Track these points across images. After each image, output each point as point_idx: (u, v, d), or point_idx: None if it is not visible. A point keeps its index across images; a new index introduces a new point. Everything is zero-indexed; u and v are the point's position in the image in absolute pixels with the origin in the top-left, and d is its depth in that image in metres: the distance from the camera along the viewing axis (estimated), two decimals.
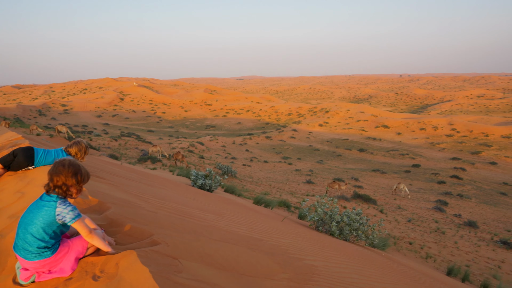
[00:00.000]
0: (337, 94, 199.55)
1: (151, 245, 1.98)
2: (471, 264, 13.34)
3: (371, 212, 20.32)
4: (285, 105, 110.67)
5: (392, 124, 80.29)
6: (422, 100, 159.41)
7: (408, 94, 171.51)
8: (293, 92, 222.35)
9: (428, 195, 31.34)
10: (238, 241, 2.83)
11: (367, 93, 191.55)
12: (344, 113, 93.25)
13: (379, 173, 42.05)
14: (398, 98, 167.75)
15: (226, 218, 3.99)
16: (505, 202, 32.66)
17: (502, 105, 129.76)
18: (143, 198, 3.23)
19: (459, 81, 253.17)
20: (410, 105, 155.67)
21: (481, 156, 56.19)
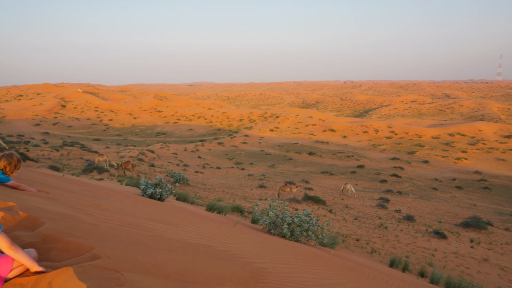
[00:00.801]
0: (287, 100, 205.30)
1: (91, 260, 1.87)
2: (410, 255, 14.44)
3: (321, 213, 21.11)
4: (237, 111, 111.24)
5: (338, 128, 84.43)
6: (364, 105, 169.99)
7: (351, 99, 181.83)
8: (244, 98, 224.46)
9: (372, 194, 33.38)
10: (187, 249, 2.80)
11: (314, 99, 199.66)
12: (294, 118, 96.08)
13: (327, 174, 43.88)
14: (343, 104, 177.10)
15: (176, 226, 3.92)
16: (437, 196, 35.96)
17: (431, 109, 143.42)
18: (84, 211, 3.06)
19: (395, 88, 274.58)
20: (354, 109, 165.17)
21: (416, 156, 61.30)
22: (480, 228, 21.19)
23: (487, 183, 44.09)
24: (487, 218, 26.63)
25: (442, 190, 39.37)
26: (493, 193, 40.31)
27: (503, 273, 14.04)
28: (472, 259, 15.34)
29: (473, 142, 68.35)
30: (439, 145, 68.22)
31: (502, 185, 43.93)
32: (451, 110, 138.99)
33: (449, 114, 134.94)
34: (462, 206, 32.23)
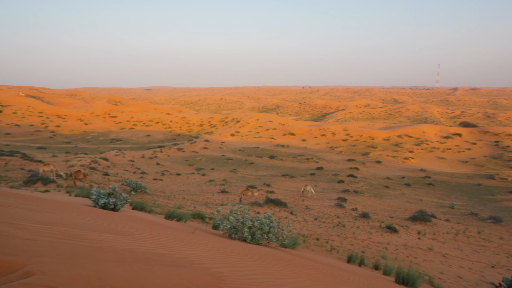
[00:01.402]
0: (247, 104, 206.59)
1: (23, 278, 1.72)
2: (366, 250, 15.13)
3: (282, 215, 21.43)
4: (197, 116, 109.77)
5: (298, 132, 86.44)
6: (322, 109, 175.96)
7: (310, 104, 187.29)
8: (204, 102, 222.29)
9: (330, 194, 34.52)
10: (139, 259, 2.70)
11: (274, 103, 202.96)
12: (254, 123, 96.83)
13: (288, 177, 44.69)
14: (301, 108, 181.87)
15: (129, 236, 3.76)
16: (389, 194, 38.09)
17: (382, 113, 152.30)
18: (19, 226, 2.83)
19: (350, 93, 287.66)
20: (312, 114, 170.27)
21: (370, 157, 64.52)
22: (426, 221, 22.78)
23: (431, 179, 47.54)
24: (431, 211, 28.70)
25: (393, 188, 41.78)
26: (436, 189, 43.54)
27: (445, 259, 15.20)
28: (419, 249, 16.43)
29: (418, 142, 73.45)
30: (390, 146, 72.43)
31: (443, 181, 47.62)
32: (399, 114, 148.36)
33: (397, 117, 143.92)
34: (410, 202, 34.43)
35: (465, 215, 29.09)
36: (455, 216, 28.47)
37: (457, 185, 45.49)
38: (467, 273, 13.68)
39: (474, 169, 56.46)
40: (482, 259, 16.16)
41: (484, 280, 13.04)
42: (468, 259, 15.91)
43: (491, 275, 13.81)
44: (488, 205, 36.28)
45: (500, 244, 19.52)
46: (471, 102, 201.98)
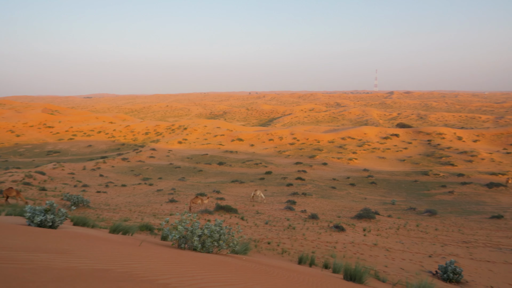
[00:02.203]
0: (194, 111, 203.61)
1: None
2: (315, 250, 15.64)
3: (233, 221, 21.35)
4: (142, 124, 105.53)
5: (246, 137, 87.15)
6: (269, 114, 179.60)
7: (257, 109, 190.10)
8: (150, 110, 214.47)
9: (280, 197, 35.20)
10: (78, 277, 2.51)
11: (222, 109, 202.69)
12: (202, 129, 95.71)
13: (238, 183, 44.74)
14: (249, 113, 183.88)
15: (68, 254, 3.48)
16: (335, 194, 39.93)
17: (326, 117, 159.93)
18: None
19: (295, 98, 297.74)
20: (259, 119, 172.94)
21: (316, 159, 67.21)
22: (370, 218, 24.24)
23: (373, 178, 50.85)
24: (375, 208, 30.64)
25: (339, 188, 43.89)
26: (378, 187, 46.66)
27: (388, 253, 16.30)
28: (365, 245, 17.41)
29: (361, 144, 78.26)
30: (335, 148, 76.14)
31: (384, 179, 51.21)
32: (342, 117, 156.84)
33: (340, 120, 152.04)
34: (355, 201, 36.43)
35: (404, 210, 31.49)
36: (396, 212, 30.69)
37: (397, 183, 49.14)
38: (408, 265, 14.77)
39: (411, 167, 61.47)
40: (421, 250, 17.57)
41: (423, 269, 14.17)
42: (408, 251, 17.19)
43: (429, 264, 15.05)
44: (424, 199, 39.68)
45: (435, 235, 21.41)
46: (406, 105, 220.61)
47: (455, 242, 19.78)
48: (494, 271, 14.51)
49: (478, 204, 35.48)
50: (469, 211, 31.94)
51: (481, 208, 33.49)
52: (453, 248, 18.24)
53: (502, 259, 16.45)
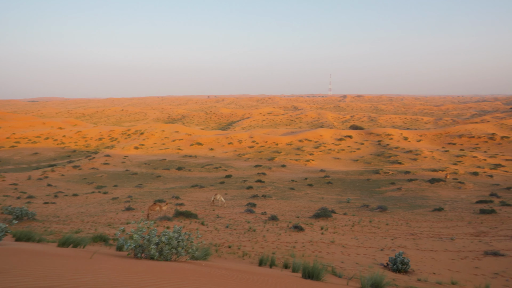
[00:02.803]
0: (151, 115, 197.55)
1: None
2: (276, 251, 15.88)
3: (193, 226, 21.01)
4: (95, 129, 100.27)
5: (205, 141, 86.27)
6: (228, 118, 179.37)
7: (216, 113, 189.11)
8: (103, 114, 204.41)
9: (240, 200, 35.27)
10: None
11: (180, 113, 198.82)
12: (160, 134, 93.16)
13: (198, 188, 44.11)
14: (208, 117, 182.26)
15: (5, 274, 3.23)
16: (294, 195, 40.86)
17: (284, 119, 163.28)
18: None
19: (254, 101, 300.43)
20: (218, 122, 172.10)
21: (275, 161, 68.29)
22: (327, 216, 25.13)
23: (330, 178, 52.74)
24: (332, 207, 31.79)
25: (298, 189, 44.94)
26: (334, 186, 48.48)
27: (344, 249, 17.01)
28: (323, 243, 18.01)
29: (317, 145, 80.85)
30: (293, 151, 77.88)
31: (340, 178, 53.33)
32: (299, 120, 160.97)
33: (298, 123, 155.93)
34: (313, 201, 37.52)
35: (359, 208, 33.00)
36: (351, 209, 32.06)
37: (351, 182, 51.37)
38: (362, 259, 15.51)
39: (363, 166, 64.58)
40: (374, 245, 18.53)
41: (376, 262, 14.96)
42: (363, 246, 18.05)
43: (381, 257, 15.93)
44: (376, 196, 41.86)
45: (386, 229, 22.69)
46: (358, 108, 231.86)
47: (404, 234, 21.14)
48: (436, 259, 15.73)
49: (423, 199, 38.20)
50: (415, 206, 34.28)
51: (425, 202, 36.10)
52: (402, 241, 19.48)
53: (443, 248, 17.90)
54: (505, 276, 13.48)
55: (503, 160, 64.83)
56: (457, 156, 67.78)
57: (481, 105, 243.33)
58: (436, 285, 11.28)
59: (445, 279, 12.53)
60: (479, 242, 19.01)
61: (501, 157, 67.16)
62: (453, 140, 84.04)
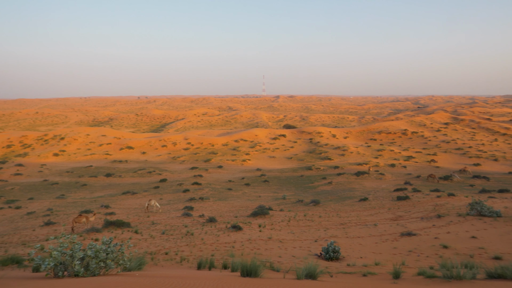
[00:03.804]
0: (73, 118, 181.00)
1: None
2: (215, 253, 15.72)
3: (126, 236, 19.79)
4: (2, 135, 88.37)
5: (136, 145, 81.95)
6: (161, 120, 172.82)
7: (147, 114, 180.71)
8: (12, 118, 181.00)
9: (177, 205, 34.23)
10: None
11: (107, 115, 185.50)
12: (84, 138, 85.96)
13: (130, 194, 41.70)
14: (139, 119, 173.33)
15: None
16: (232, 195, 41.00)
17: (219, 120, 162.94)
18: None
19: (188, 102, 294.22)
20: (150, 125, 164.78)
21: (211, 163, 67.79)
22: (265, 214, 25.69)
23: (266, 177, 54.05)
24: (269, 204, 32.60)
25: (235, 189, 45.17)
26: (270, 184, 49.82)
27: (281, 244, 17.56)
28: (261, 240, 18.36)
29: (253, 145, 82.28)
30: (229, 151, 78.08)
31: (275, 176, 55.00)
32: (234, 120, 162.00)
33: (233, 123, 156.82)
34: (251, 199, 38.07)
35: (294, 203, 34.35)
36: (287, 205, 33.23)
37: (287, 179, 53.26)
38: (298, 251, 16.15)
39: (297, 164, 67.44)
40: (309, 237, 19.43)
41: (311, 253, 15.71)
42: (298, 240, 18.81)
43: (315, 248, 16.76)
44: (309, 191, 44.01)
45: (319, 222, 23.97)
46: (290, 108, 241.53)
47: (335, 225, 22.59)
48: (363, 244, 17.13)
49: (350, 191, 41.31)
50: (344, 197, 36.92)
51: (352, 193, 39.08)
52: (334, 231, 20.80)
53: (368, 233, 19.57)
54: (417, 252, 15.23)
55: (413, 152, 73.27)
56: (377, 150, 74.66)
57: (396, 104, 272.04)
58: (362, 267, 12.24)
59: (370, 261, 13.68)
60: (397, 226, 21.17)
61: (412, 150, 75.84)
62: (374, 136, 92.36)
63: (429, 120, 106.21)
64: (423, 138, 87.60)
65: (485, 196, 32.12)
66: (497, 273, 7.78)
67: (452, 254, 14.38)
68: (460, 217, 21.54)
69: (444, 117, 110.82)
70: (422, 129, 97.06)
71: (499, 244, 15.47)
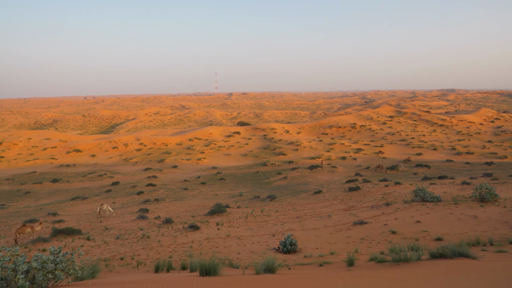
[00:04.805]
0: (12, 121, 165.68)
1: None
2: (172, 254, 15.46)
3: (77, 244, 18.73)
4: None
5: (85, 147, 77.38)
6: (110, 120, 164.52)
7: (95, 115, 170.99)
8: None
9: (131, 207, 33.00)
10: None
11: (51, 117, 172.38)
12: (25, 143, 79.33)
13: (80, 200, 39.39)
14: (86, 120, 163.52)
15: None
16: (188, 195, 40.43)
17: (172, 119, 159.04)
18: None
19: (138, 101, 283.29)
20: (99, 126, 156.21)
21: (166, 163, 66.14)
22: (222, 212, 25.71)
23: (222, 174, 53.95)
24: (226, 202, 32.67)
25: (191, 189, 44.54)
26: (226, 182, 49.83)
27: (240, 241, 17.74)
28: (220, 238, 18.39)
29: (207, 143, 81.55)
30: (183, 150, 76.63)
31: (231, 174, 55.12)
32: (188, 119, 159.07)
33: (187, 122, 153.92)
34: (208, 198, 37.82)
35: (251, 199, 34.71)
36: (244, 202, 33.50)
37: (242, 176, 53.57)
38: (257, 247, 16.41)
39: (252, 160, 68.06)
40: (266, 232, 19.81)
41: (269, 248, 16.05)
42: (256, 235, 19.10)
43: (273, 242, 17.15)
44: (266, 187, 44.70)
45: (276, 216, 24.52)
46: (244, 105, 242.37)
47: (291, 218, 23.27)
48: (319, 235, 17.88)
49: (305, 184, 42.70)
50: (299, 191, 38.10)
51: (307, 187, 40.45)
52: (290, 224, 21.42)
53: (323, 225, 20.45)
54: (369, 239, 16.25)
55: (362, 145, 77.48)
56: (329, 144, 77.82)
57: (345, 99, 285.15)
58: (319, 258, 12.81)
59: (326, 251, 14.34)
60: (350, 215, 22.36)
61: (361, 143, 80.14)
62: (325, 131, 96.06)
63: (376, 113, 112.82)
64: (370, 131, 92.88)
65: (427, 183, 35.03)
66: (438, 253, 8.59)
67: (400, 239, 15.53)
68: (406, 203, 23.27)
69: (389, 110, 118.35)
70: (369, 122, 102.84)
71: (440, 226, 16.99)
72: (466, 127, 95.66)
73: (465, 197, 23.54)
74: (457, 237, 14.64)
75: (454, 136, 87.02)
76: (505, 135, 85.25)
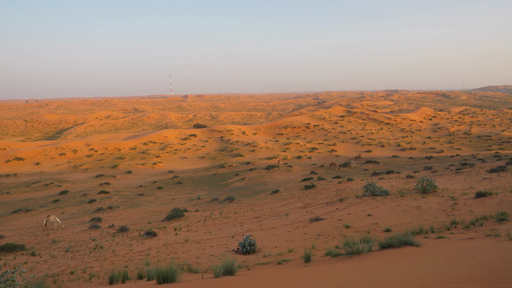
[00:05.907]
0: None
1: None
2: (128, 264, 14.88)
3: (20, 261, 17.28)
4: None
5: (28, 155, 71.50)
6: (57, 125, 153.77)
7: (39, 120, 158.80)
8: None
9: (82, 217, 31.16)
10: None
11: None
12: None
13: (22, 212, 36.33)
14: (29, 126, 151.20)
15: None
16: (144, 201, 39.09)
17: (125, 123, 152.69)
18: None
19: (88, 105, 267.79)
20: (44, 131, 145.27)
21: (119, 168, 63.32)
22: (180, 216, 25.22)
23: (179, 178, 52.84)
24: (184, 206, 32.07)
25: (147, 194, 43.07)
26: (184, 185, 48.90)
27: (199, 245, 17.55)
28: (178, 244, 18.03)
29: (163, 147, 79.38)
30: (138, 155, 73.85)
31: (189, 177, 54.20)
32: (142, 122, 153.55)
33: (140, 125, 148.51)
34: (165, 203, 36.83)
35: (209, 202, 34.38)
36: (202, 205, 33.10)
37: (200, 179, 52.87)
38: (216, 250, 16.33)
39: (210, 162, 67.44)
40: (226, 234, 19.77)
41: (228, 250, 16.04)
42: (216, 238, 18.99)
43: (232, 244, 17.16)
44: (224, 189, 44.52)
45: (235, 218, 24.55)
46: (199, 107, 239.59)
47: (250, 219, 23.46)
48: (277, 234, 18.25)
49: (263, 185, 43.26)
50: (257, 191, 38.50)
51: (264, 187, 41.01)
52: (249, 225, 21.60)
53: (281, 223, 20.90)
54: (325, 235, 16.90)
55: (316, 144, 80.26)
56: (285, 144, 79.53)
57: (299, 100, 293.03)
58: (277, 256, 13.09)
59: (284, 249, 14.68)
60: (306, 213, 23.07)
61: (315, 142, 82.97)
62: (281, 131, 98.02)
63: (328, 113, 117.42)
64: (323, 131, 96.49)
65: (376, 178, 37.20)
66: (387, 243, 9.21)
67: (353, 232, 16.33)
68: (358, 198, 24.51)
69: (340, 110, 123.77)
70: (322, 122, 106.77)
71: (389, 218, 18.15)
72: (409, 124, 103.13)
73: (410, 189, 25.38)
74: (404, 227, 15.75)
75: (398, 134, 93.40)
76: (441, 132, 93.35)
